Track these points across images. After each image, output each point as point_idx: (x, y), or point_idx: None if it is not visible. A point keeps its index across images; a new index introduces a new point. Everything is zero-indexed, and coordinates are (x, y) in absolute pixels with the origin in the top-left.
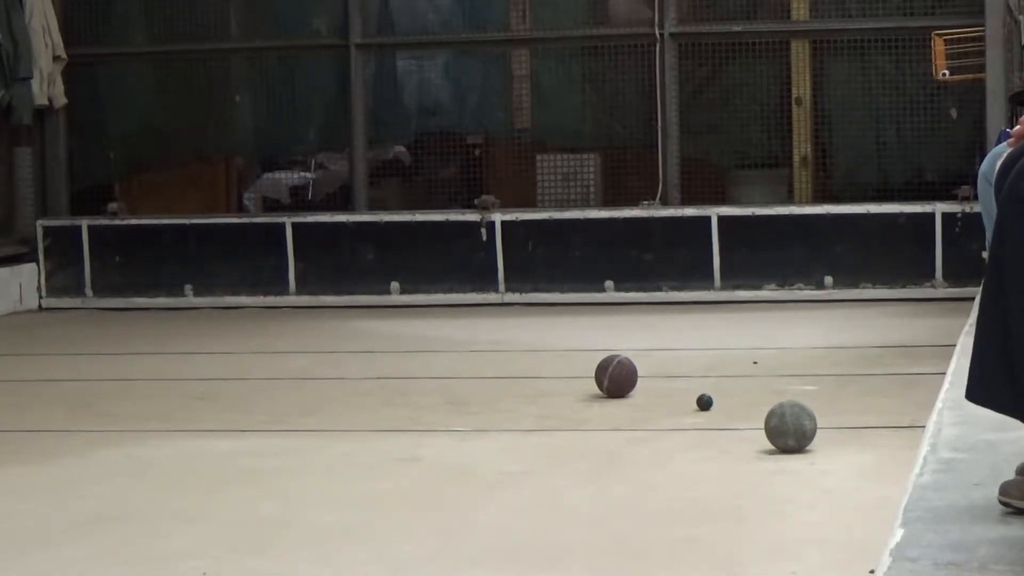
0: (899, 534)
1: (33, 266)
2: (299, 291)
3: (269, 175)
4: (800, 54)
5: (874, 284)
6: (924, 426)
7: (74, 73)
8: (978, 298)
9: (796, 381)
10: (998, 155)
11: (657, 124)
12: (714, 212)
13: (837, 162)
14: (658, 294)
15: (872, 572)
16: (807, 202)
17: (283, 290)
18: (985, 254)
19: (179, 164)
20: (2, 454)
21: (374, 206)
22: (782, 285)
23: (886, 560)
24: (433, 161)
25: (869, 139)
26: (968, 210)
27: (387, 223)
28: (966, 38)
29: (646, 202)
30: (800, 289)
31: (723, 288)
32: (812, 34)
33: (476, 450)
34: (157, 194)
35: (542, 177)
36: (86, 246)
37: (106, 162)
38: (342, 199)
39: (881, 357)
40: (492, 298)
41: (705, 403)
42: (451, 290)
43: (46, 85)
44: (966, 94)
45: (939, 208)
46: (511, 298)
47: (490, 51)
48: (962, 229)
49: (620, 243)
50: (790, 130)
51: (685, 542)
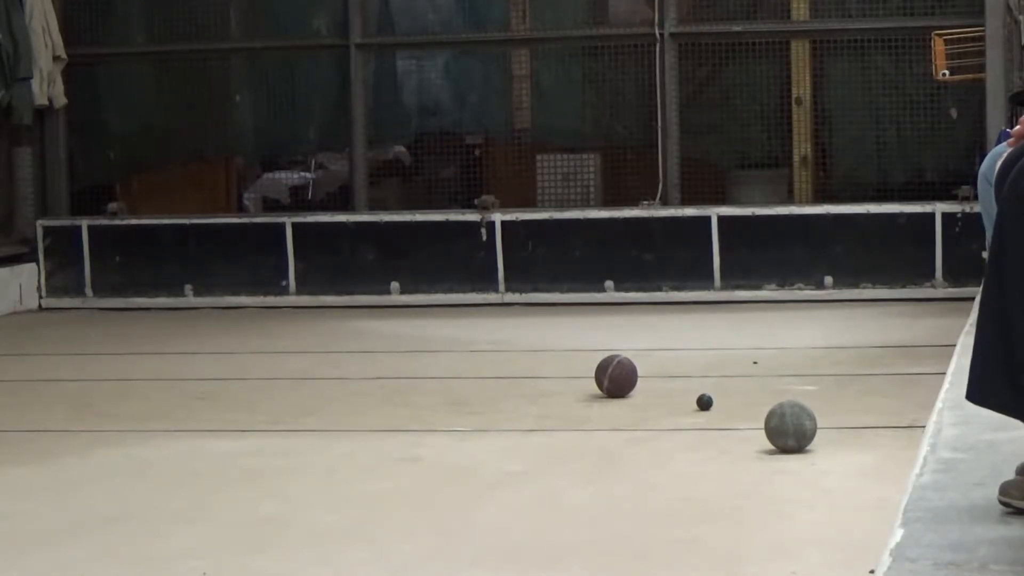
0: (899, 534)
1: (33, 266)
2: (299, 291)
3: (269, 175)
4: (800, 54)
5: (874, 284)
6: (924, 426)
7: (74, 73)
8: (978, 298)
9: (796, 381)
10: (998, 155)
11: (657, 124)
12: (714, 212)
13: (837, 162)
14: (658, 294)
15: (872, 572)
16: (807, 202)
17: (283, 290)
18: (985, 254)
19: (179, 164)
20: (2, 454)
21: (374, 206)
22: (782, 285)
23: (886, 560)
24: (433, 161)
25: (869, 139)
26: (968, 210)
27: (387, 223)
28: (966, 38)
29: (646, 202)
30: (800, 289)
31: (723, 288)
32: (812, 34)
33: (476, 450)
34: (157, 194)
35: (542, 177)
36: (86, 246)
37: (106, 162)
38: (342, 199)
39: (881, 357)
40: (492, 298)
41: (705, 403)
42: (451, 290)
43: (46, 85)
44: (966, 94)
45: (939, 208)
46: (511, 298)
47: (490, 51)
48: (962, 229)
49: (620, 243)
50: (790, 130)
51: (685, 542)
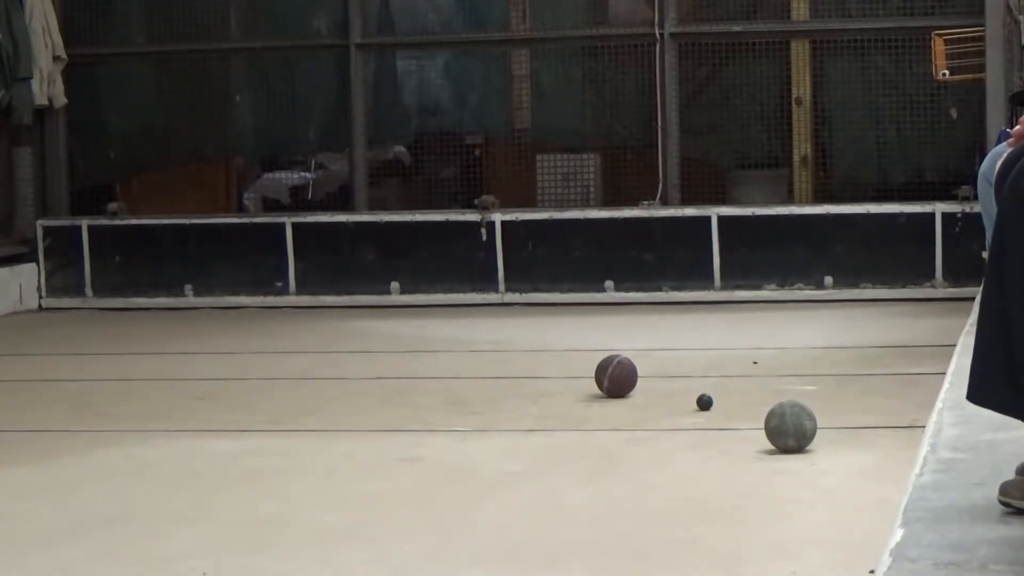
0: (899, 534)
1: (33, 266)
2: (299, 291)
3: (269, 175)
4: (800, 54)
5: (874, 284)
6: (924, 426)
7: (74, 73)
8: (978, 298)
9: (796, 381)
10: (998, 155)
11: (657, 124)
12: (714, 212)
13: (837, 162)
14: (658, 294)
15: (872, 572)
16: (807, 202)
17: (283, 290)
18: (985, 254)
19: (179, 164)
20: (2, 454)
21: (374, 206)
22: (782, 285)
23: (886, 560)
24: (433, 161)
25: (869, 139)
26: (968, 210)
27: (387, 223)
28: (966, 38)
29: (646, 202)
30: (800, 289)
31: (723, 288)
32: (812, 34)
33: (476, 450)
34: (157, 194)
35: (542, 177)
36: (86, 246)
37: (106, 162)
38: (342, 199)
39: (881, 357)
40: (492, 298)
41: (705, 403)
42: (451, 290)
43: (46, 85)
44: (966, 94)
45: (939, 208)
46: (511, 298)
47: (490, 51)
48: (962, 229)
49: (620, 243)
50: (790, 130)
51: (685, 542)
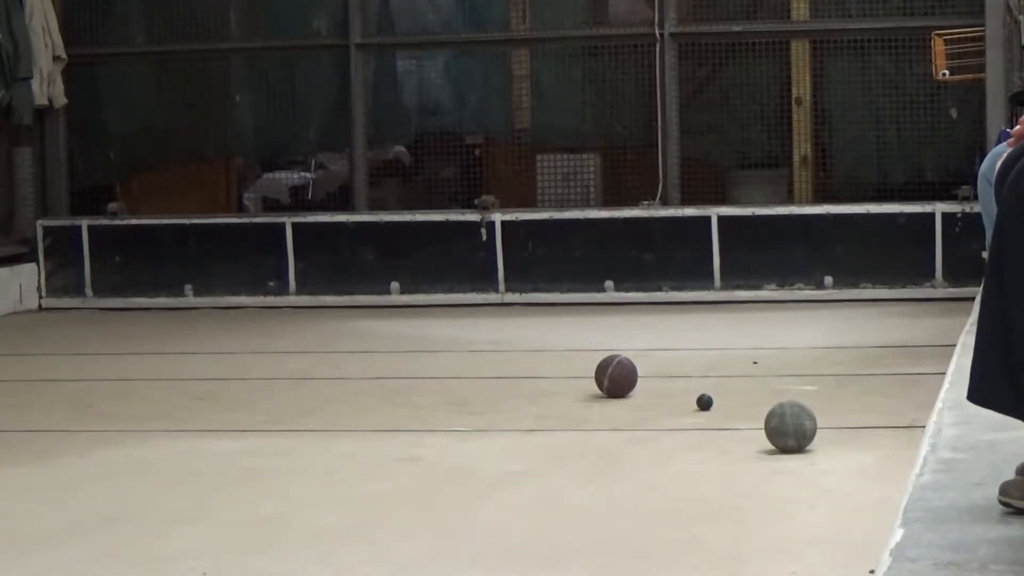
0: (899, 534)
1: (33, 266)
2: (299, 291)
3: (269, 175)
4: (800, 54)
5: (874, 284)
6: (924, 426)
7: (74, 73)
8: (978, 298)
9: (796, 381)
10: (998, 155)
11: (657, 124)
12: (714, 212)
13: (837, 162)
14: (658, 294)
15: (872, 572)
16: (807, 202)
17: (283, 290)
18: (985, 254)
19: (179, 164)
20: (2, 454)
21: (374, 206)
22: (782, 285)
23: (886, 560)
24: (433, 161)
25: (869, 139)
26: (968, 210)
27: (387, 223)
28: (966, 38)
29: (646, 202)
30: (800, 289)
31: (723, 288)
32: (812, 34)
33: (476, 450)
34: (157, 194)
35: (542, 177)
36: (86, 246)
37: (106, 162)
38: (342, 199)
39: (881, 357)
40: (492, 298)
41: (705, 403)
42: (451, 290)
43: (46, 85)
44: (966, 94)
45: (939, 208)
46: (511, 298)
47: (490, 51)
48: (962, 229)
49: (620, 243)
50: (790, 130)
51: (685, 542)
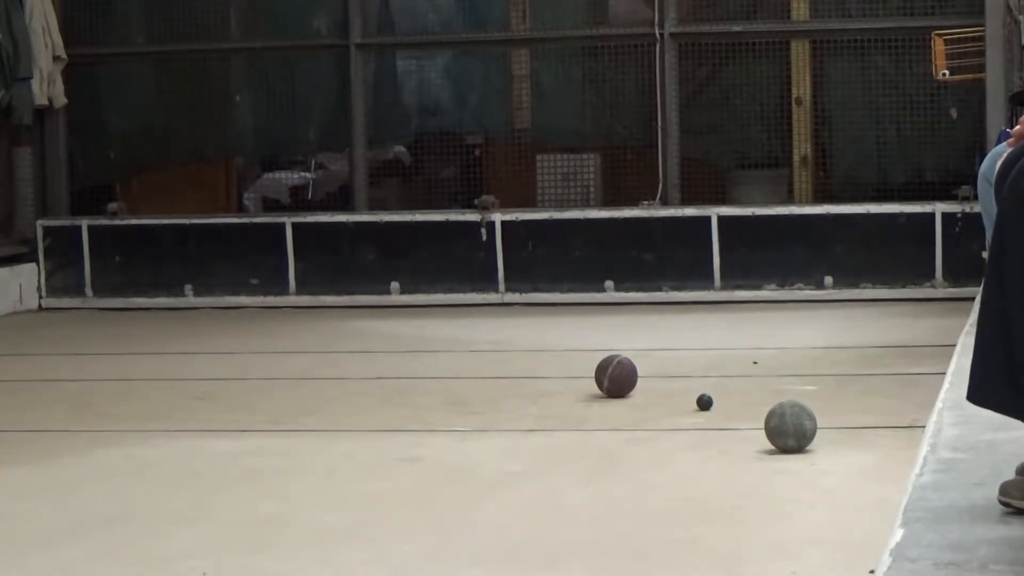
0: (899, 534)
1: (33, 266)
2: (299, 291)
3: (269, 175)
4: (800, 54)
5: (874, 284)
6: (924, 426)
7: (74, 73)
8: (978, 298)
9: (796, 381)
10: (998, 155)
11: (657, 124)
12: (714, 212)
13: (837, 162)
14: (658, 294)
15: (872, 572)
16: (807, 202)
17: (283, 290)
18: (985, 254)
19: (179, 164)
20: (2, 454)
21: (374, 206)
22: (782, 285)
23: (886, 560)
24: (433, 161)
25: (869, 139)
26: (968, 210)
27: (387, 223)
28: (966, 38)
29: (646, 202)
30: (800, 289)
31: (723, 288)
32: (812, 34)
33: (476, 450)
34: (157, 194)
35: (542, 177)
36: (86, 246)
37: (106, 162)
38: (342, 199)
39: (881, 357)
40: (492, 298)
41: (705, 403)
42: (451, 290)
43: (46, 85)
44: (966, 94)
45: (939, 208)
46: (511, 298)
47: (490, 51)
48: (962, 229)
49: (620, 243)
50: (790, 130)
51: (685, 542)
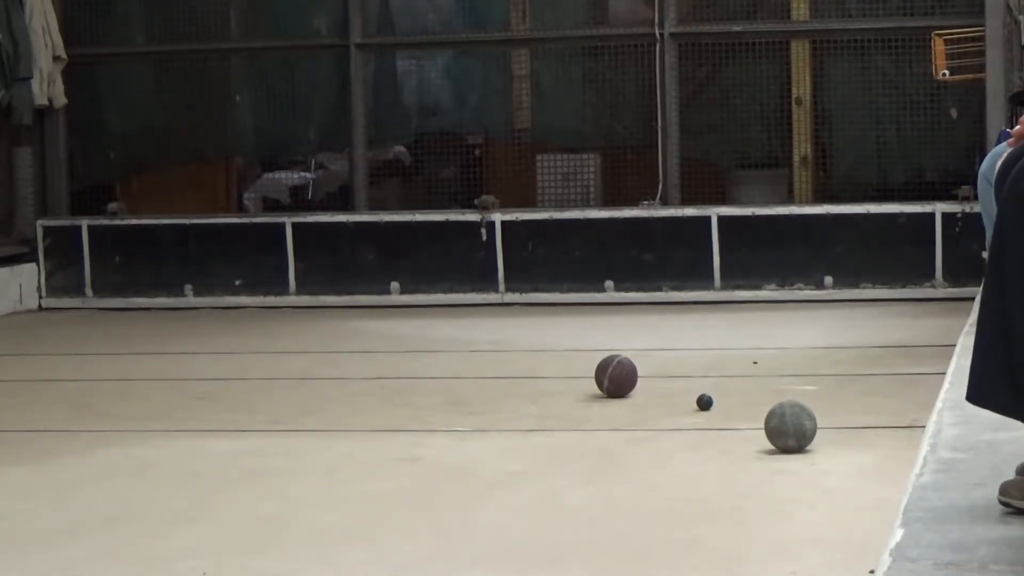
0: (899, 534)
1: (33, 266)
2: (299, 291)
3: (269, 175)
4: (800, 54)
5: (874, 284)
6: (924, 426)
7: (74, 73)
8: (978, 298)
9: (796, 381)
10: (998, 155)
11: (657, 124)
12: (714, 212)
13: (837, 162)
14: (658, 294)
15: (872, 572)
16: (807, 202)
17: (283, 290)
18: (985, 254)
19: (179, 164)
20: (2, 454)
21: (374, 206)
22: (782, 285)
23: (886, 560)
24: (433, 161)
25: (869, 139)
26: (968, 210)
27: (387, 223)
28: (966, 38)
29: (646, 202)
30: (800, 289)
31: (723, 288)
32: (812, 34)
33: (476, 450)
34: (157, 194)
35: (542, 177)
36: (86, 246)
37: (106, 162)
38: (342, 199)
39: (881, 357)
40: (492, 298)
41: (705, 403)
42: (451, 290)
43: (46, 85)
44: (966, 94)
45: (939, 208)
46: (511, 298)
47: (490, 51)
48: (962, 229)
49: (620, 243)
50: (790, 130)
51: (685, 542)
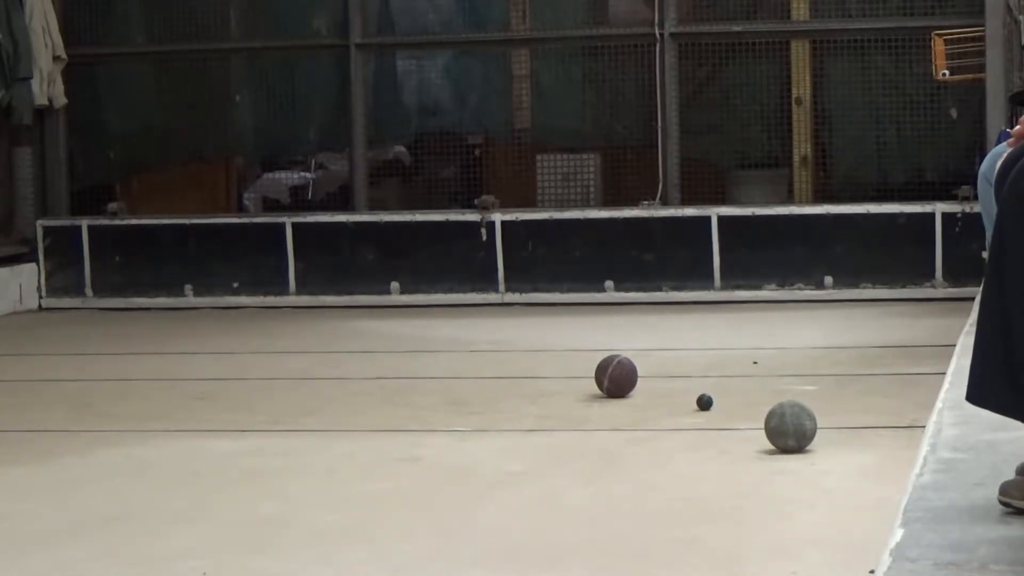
0: (899, 534)
1: (33, 266)
2: (299, 291)
3: (269, 175)
4: (800, 54)
5: (874, 284)
6: (924, 426)
7: (74, 73)
8: (978, 298)
9: (796, 381)
10: (998, 155)
11: (657, 124)
12: (714, 212)
13: (837, 162)
14: (658, 294)
15: (872, 572)
16: (807, 202)
17: (283, 290)
18: (985, 254)
19: (179, 164)
20: (2, 454)
21: (374, 206)
22: (782, 285)
23: (886, 560)
24: (433, 161)
25: (869, 139)
26: (968, 210)
27: (387, 223)
28: (966, 38)
29: (646, 202)
30: (800, 289)
31: (723, 288)
32: (812, 34)
33: (476, 450)
34: (157, 194)
35: (542, 177)
36: (86, 246)
37: (106, 162)
38: (342, 199)
39: (881, 357)
40: (492, 298)
41: (705, 403)
42: (451, 290)
43: (46, 85)
44: (966, 94)
45: (939, 208)
46: (511, 298)
47: (490, 51)
48: (962, 229)
49: (620, 243)
50: (790, 130)
51: (685, 542)
